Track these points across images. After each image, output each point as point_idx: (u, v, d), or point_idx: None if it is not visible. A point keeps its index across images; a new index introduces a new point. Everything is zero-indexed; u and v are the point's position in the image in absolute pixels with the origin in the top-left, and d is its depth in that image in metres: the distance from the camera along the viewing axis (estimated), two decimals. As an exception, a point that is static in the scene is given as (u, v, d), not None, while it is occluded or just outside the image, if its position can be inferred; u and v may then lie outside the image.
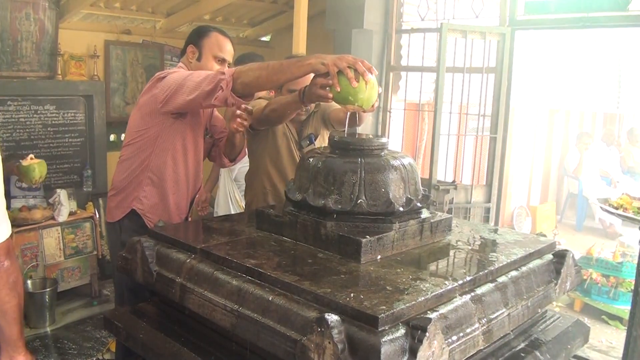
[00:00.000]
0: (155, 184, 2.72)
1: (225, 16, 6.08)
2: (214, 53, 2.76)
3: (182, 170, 2.75)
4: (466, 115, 5.13)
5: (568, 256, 2.05)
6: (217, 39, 2.77)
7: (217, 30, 2.82)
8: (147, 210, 2.72)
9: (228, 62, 2.81)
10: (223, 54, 2.77)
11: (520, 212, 7.74)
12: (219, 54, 2.76)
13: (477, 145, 5.19)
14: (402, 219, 1.89)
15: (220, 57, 2.77)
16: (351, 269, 1.69)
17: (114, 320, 2.09)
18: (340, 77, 2.04)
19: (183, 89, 2.44)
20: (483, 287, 1.71)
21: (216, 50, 2.76)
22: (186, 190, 2.81)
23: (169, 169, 2.71)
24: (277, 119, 2.66)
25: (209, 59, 2.75)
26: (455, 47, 4.77)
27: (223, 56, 2.77)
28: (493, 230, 2.31)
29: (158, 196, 2.73)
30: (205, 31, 2.80)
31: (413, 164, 2.02)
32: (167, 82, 2.54)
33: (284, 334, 1.46)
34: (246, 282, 1.66)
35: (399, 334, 1.36)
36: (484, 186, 5.05)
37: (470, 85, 4.85)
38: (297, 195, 1.96)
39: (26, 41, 4.62)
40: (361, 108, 2.05)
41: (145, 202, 2.72)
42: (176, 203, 2.78)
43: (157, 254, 1.97)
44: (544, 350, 1.91)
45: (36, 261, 4.34)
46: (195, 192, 2.93)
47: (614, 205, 2.86)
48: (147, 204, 2.72)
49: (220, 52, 2.77)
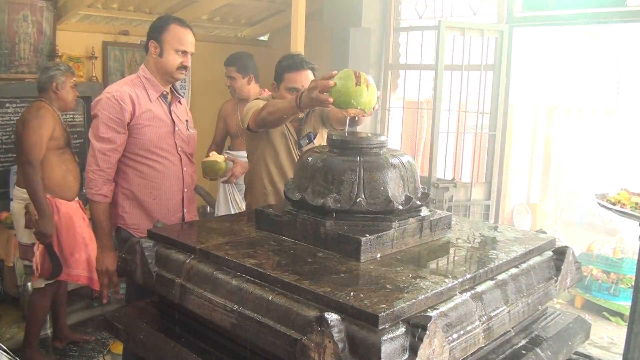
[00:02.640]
0: (130, 197, 2.77)
1: (223, 16, 6.08)
2: (175, 47, 2.74)
3: (152, 175, 2.77)
4: (465, 113, 5.13)
5: (568, 253, 2.05)
6: (177, 32, 2.75)
7: (176, 22, 2.78)
8: (130, 224, 2.77)
9: (191, 53, 2.80)
10: (184, 46, 2.76)
11: (520, 209, 7.74)
12: (180, 47, 2.75)
13: (476, 142, 5.19)
14: (401, 217, 1.89)
15: (181, 50, 2.76)
16: (351, 267, 1.69)
17: (115, 322, 2.08)
18: (341, 82, 2.04)
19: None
20: (483, 284, 1.71)
21: (177, 44, 2.74)
22: (170, 189, 2.83)
23: (136, 179, 2.75)
24: (274, 122, 2.65)
25: (170, 53, 2.74)
26: (453, 44, 4.77)
27: (184, 49, 2.76)
28: (493, 228, 2.31)
29: (138, 207, 2.78)
30: (164, 24, 2.76)
31: (412, 162, 2.02)
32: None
33: (284, 333, 1.46)
34: (246, 282, 1.66)
35: (399, 333, 1.36)
36: (483, 184, 5.05)
37: (469, 82, 4.85)
38: (296, 195, 1.95)
39: (24, 43, 4.62)
40: (363, 111, 2.05)
41: (126, 217, 2.77)
42: (162, 205, 2.81)
43: (157, 254, 1.96)
44: (544, 347, 1.91)
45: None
46: (192, 183, 2.96)
47: (611, 201, 2.86)
48: (128, 217, 2.77)
49: (181, 45, 2.75)
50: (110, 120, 2.65)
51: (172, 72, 2.77)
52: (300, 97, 2.30)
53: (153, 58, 2.77)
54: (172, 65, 2.75)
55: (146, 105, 2.74)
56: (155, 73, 2.79)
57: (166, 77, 2.79)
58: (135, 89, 2.73)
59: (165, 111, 2.83)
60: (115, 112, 2.66)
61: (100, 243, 2.74)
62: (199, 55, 5.84)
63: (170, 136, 2.83)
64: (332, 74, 2.11)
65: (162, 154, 2.79)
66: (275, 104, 2.60)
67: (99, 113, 2.67)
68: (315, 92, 2.14)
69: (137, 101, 2.71)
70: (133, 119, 2.70)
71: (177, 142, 2.86)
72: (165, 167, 2.80)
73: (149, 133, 2.75)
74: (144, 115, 2.72)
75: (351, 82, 2.02)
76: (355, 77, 2.02)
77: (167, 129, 2.82)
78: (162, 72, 2.78)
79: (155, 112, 2.78)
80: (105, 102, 2.67)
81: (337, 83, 2.06)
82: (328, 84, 2.08)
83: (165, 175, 2.81)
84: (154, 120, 2.76)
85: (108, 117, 2.65)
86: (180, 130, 2.88)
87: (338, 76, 2.08)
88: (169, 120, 2.84)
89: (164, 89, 2.82)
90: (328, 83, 2.08)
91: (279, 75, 2.85)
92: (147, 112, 2.74)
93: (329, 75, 2.13)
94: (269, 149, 2.86)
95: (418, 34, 5.26)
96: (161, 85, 2.80)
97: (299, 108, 2.35)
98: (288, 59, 2.87)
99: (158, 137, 2.78)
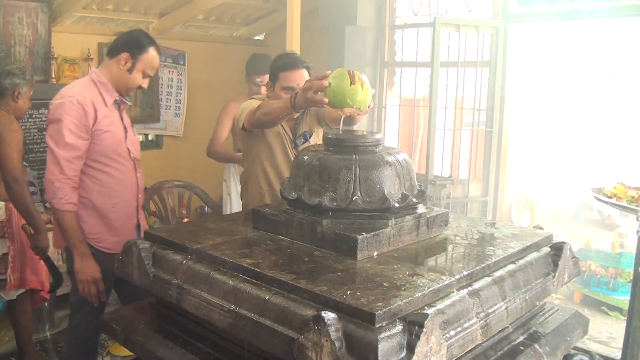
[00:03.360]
0: (88, 206, 2.73)
1: (218, 16, 6.07)
2: (145, 71, 2.74)
3: (111, 182, 2.75)
4: (461, 109, 5.13)
5: (565, 248, 2.05)
6: (152, 58, 2.74)
7: (154, 46, 2.76)
8: (89, 234, 2.73)
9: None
10: (152, 72, 2.79)
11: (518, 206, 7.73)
12: (149, 72, 2.76)
13: (473, 139, 5.19)
14: (398, 215, 1.89)
15: (148, 75, 2.77)
16: (348, 266, 1.69)
17: (112, 323, 2.08)
18: (335, 81, 2.04)
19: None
20: (480, 281, 1.71)
21: (148, 69, 2.75)
22: (128, 196, 2.84)
23: (95, 187, 2.72)
24: (269, 123, 2.64)
25: (139, 73, 2.73)
26: (449, 41, 4.77)
27: (151, 74, 2.79)
28: (490, 224, 2.31)
29: (96, 216, 2.74)
30: (144, 46, 2.72)
31: (408, 159, 2.02)
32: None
33: (282, 332, 1.46)
34: (243, 281, 1.65)
35: (397, 330, 1.36)
36: (481, 180, 5.06)
37: (465, 79, 4.85)
38: (292, 194, 1.95)
39: (19, 45, 4.62)
40: (358, 110, 2.05)
41: (85, 227, 2.71)
42: (121, 213, 2.80)
43: (154, 255, 1.96)
44: (543, 343, 1.91)
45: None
46: (140, 191, 2.95)
47: (607, 195, 2.86)
48: (87, 227, 2.72)
49: (151, 71, 2.77)
50: (75, 126, 2.58)
51: (130, 88, 2.76)
52: (295, 97, 2.29)
53: (120, 69, 2.72)
54: (135, 84, 2.74)
55: (104, 110, 2.69)
56: (111, 80, 2.73)
57: (121, 88, 2.76)
58: (92, 94, 2.68)
59: (118, 117, 2.81)
60: (79, 117, 2.58)
61: (79, 252, 2.64)
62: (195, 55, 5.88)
63: (124, 142, 2.81)
64: (326, 74, 2.11)
65: (120, 160, 2.76)
66: (270, 104, 2.59)
67: (63, 118, 2.57)
68: (310, 92, 2.14)
69: (97, 106, 2.65)
70: (95, 124, 2.64)
71: (130, 148, 2.84)
72: (122, 173, 2.78)
73: (108, 139, 2.70)
74: (103, 121, 2.68)
75: (346, 82, 2.02)
76: (350, 76, 2.02)
77: (121, 135, 2.80)
78: (121, 84, 2.74)
79: (111, 118, 2.74)
80: (69, 106, 2.58)
81: (331, 83, 2.06)
82: (322, 84, 2.08)
83: (122, 182, 2.79)
84: (111, 126, 2.72)
85: (73, 123, 2.57)
86: (130, 136, 2.86)
87: (332, 76, 2.07)
88: (122, 126, 2.82)
89: (116, 95, 2.78)
90: (322, 83, 2.08)
91: (274, 74, 2.84)
92: (106, 118, 2.70)
93: (323, 75, 2.12)
94: (264, 148, 2.85)
95: (413, 31, 5.26)
96: (114, 91, 2.76)
97: (294, 108, 2.34)
98: (283, 58, 2.87)
99: (116, 143, 2.74)
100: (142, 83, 2.77)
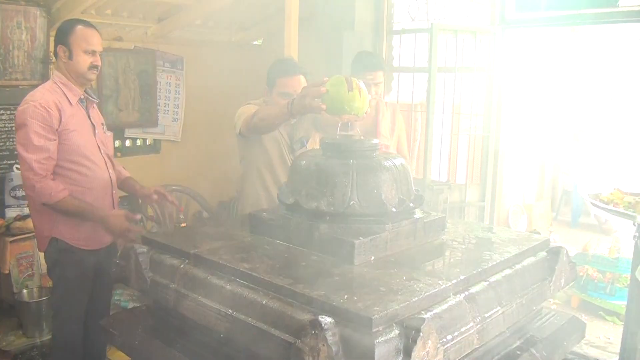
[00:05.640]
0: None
1: (216, 20, 6.07)
2: (83, 48, 2.75)
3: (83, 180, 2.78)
4: (459, 114, 5.14)
5: (562, 253, 2.06)
6: (83, 33, 2.76)
7: (81, 23, 2.80)
8: (65, 233, 2.78)
9: (99, 52, 2.82)
10: (92, 46, 2.77)
11: (515, 210, 7.75)
12: (88, 47, 2.76)
13: (470, 144, 5.19)
14: (394, 220, 1.89)
15: (90, 50, 2.77)
16: (345, 270, 1.69)
17: (110, 328, 2.08)
18: (333, 88, 2.04)
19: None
20: (477, 286, 1.72)
21: (84, 45, 2.75)
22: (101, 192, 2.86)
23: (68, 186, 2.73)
24: (266, 129, 2.65)
25: (79, 54, 2.75)
26: (446, 47, 4.78)
27: (92, 48, 2.78)
28: (487, 229, 2.32)
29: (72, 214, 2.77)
30: (70, 27, 2.77)
31: (405, 164, 2.03)
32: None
33: (279, 337, 1.46)
34: (240, 286, 1.66)
35: (393, 335, 1.36)
36: (478, 185, 5.06)
37: (462, 84, 4.86)
38: (289, 199, 1.96)
39: (18, 50, 4.61)
40: (356, 116, 2.06)
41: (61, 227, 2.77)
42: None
43: (151, 260, 1.96)
44: (539, 348, 1.92)
45: (32, 270, 4.32)
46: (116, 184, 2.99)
47: (604, 201, 2.87)
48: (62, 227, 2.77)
49: (88, 45, 2.76)
50: (40, 128, 2.63)
51: (83, 73, 2.78)
52: (292, 103, 2.29)
53: (63, 62, 2.78)
54: (83, 66, 2.76)
55: (69, 110, 2.75)
56: (69, 77, 2.79)
57: (80, 79, 2.80)
58: (56, 95, 2.73)
59: (84, 115, 2.85)
60: (44, 120, 2.64)
61: (97, 217, 2.74)
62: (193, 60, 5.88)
63: (93, 140, 2.86)
64: (324, 81, 2.11)
65: (91, 157, 2.81)
66: (266, 110, 2.59)
67: (28, 122, 2.63)
68: (308, 99, 2.14)
69: (61, 107, 2.71)
70: (60, 125, 2.69)
71: (100, 146, 2.89)
72: (93, 171, 2.82)
73: (76, 138, 2.75)
74: (69, 121, 2.73)
75: (343, 88, 2.03)
76: (347, 83, 2.03)
77: (89, 133, 2.85)
78: (75, 75, 2.78)
79: (78, 116, 2.80)
80: (33, 110, 2.64)
81: (329, 89, 2.06)
82: (320, 90, 2.08)
83: (95, 180, 2.83)
84: (78, 125, 2.78)
85: (38, 125, 2.63)
86: (99, 133, 2.91)
87: (330, 82, 2.08)
88: (90, 124, 2.87)
89: (81, 92, 2.84)
90: (320, 90, 2.08)
91: (271, 80, 2.85)
92: (72, 117, 2.75)
93: (320, 81, 2.13)
94: (261, 153, 2.86)
95: (411, 37, 5.26)
96: (78, 89, 2.81)
97: (291, 114, 2.34)
98: (280, 64, 2.87)
99: (84, 141, 2.80)
100: (91, 62, 2.77)
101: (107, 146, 2.96)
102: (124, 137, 5.37)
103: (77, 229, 2.79)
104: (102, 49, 2.86)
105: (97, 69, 2.82)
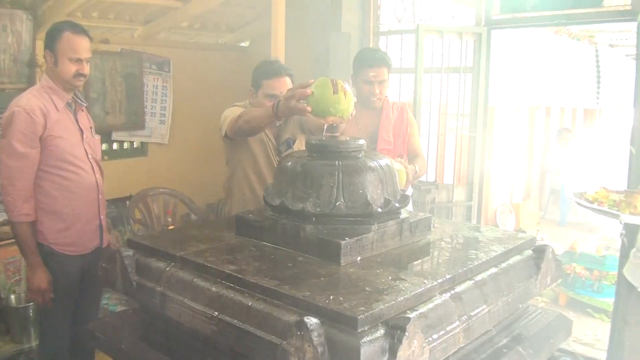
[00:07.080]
0: (48, 211, 2.75)
1: (203, 23, 6.06)
2: (69, 56, 2.70)
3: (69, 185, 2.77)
4: (445, 115, 5.16)
5: (547, 251, 2.07)
6: (69, 41, 2.70)
7: (70, 29, 2.73)
8: (50, 238, 2.77)
9: (87, 59, 2.77)
10: (77, 54, 2.72)
11: (503, 210, 7.79)
12: (73, 55, 2.71)
13: (457, 144, 5.22)
14: (380, 220, 1.89)
15: (75, 58, 2.72)
16: (331, 271, 1.69)
17: (96, 332, 2.07)
18: (318, 90, 2.04)
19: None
20: (463, 284, 1.72)
21: (70, 53, 2.70)
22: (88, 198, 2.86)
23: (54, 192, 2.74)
24: (251, 131, 2.63)
25: (64, 62, 2.71)
26: (432, 48, 4.80)
27: (78, 57, 2.73)
28: (473, 229, 2.33)
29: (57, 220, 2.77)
30: (57, 33, 2.71)
31: (390, 164, 2.03)
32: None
33: (265, 338, 1.46)
34: (226, 288, 1.65)
35: (379, 335, 1.37)
36: (465, 185, 5.08)
37: (449, 85, 4.88)
38: (275, 200, 1.96)
39: (3, 53, 4.58)
40: (341, 119, 2.06)
41: (46, 232, 2.76)
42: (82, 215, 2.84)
43: (137, 263, 1.95)
44: (526, 345, 1.93)
45: (19, 275, 4.30)
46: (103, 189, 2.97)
47: (589, 200, 2.88)
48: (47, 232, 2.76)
49: (74, 54, 2.71)
50: (23, 136, 2.61)
51: (68, 80, 2.74)
52: (278, 105, 2.28)
53: (50, 68, 2.75)
54: (68, 74, 2.72)
55: (55, 115, 2.72)
56: (55, 81, 2.76)
57: (65, 85, 2.76)
58: (42, 100, 2.70)
59: (72, 119, 2.83)
60: (27, 126, 2.62)
61: (30, 262, 2.73)
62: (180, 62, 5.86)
63: (80, 144, 2.84)
64: (309, 82, 2.11)
65: (77, 162, 2.79)
66: (251, 112, 2.58)
67: (11, 129, 2.61)
68: (293, 100, 2.13)
69: (46, 112, 2.68)
70: (45, 131, 2.67)
71: (87, 150, 2.87)
72: (80, 176, 2.80)
73: (62, 143, 2.73)
74: (55, 126, 2.70)
75: (328, 90, 2.02)
76: (332, 85, 2.03)
77: (76, 137, 2.83)
78: (60, 81, 2.75)
79: (64, 121, 2.77)
80: (17, 116, 2.61)
81: (314, 91, 2.06)
82: (305, 92, 2.08)
83: (81, 185, 2.81)
84: (65, 130, 2.75)
85: (21, 132, 2.61)
86: (87, 137, 2.89)
87: (315, 84, 2.08)
88: (77, 129, 2.84)
89: (68, 97, 2.80)
90: (305, 91, 2.08)
91: (257, 81, 2.84)
92: (57, 122, 2.72)
93: (306, 83, 2.12)
94: (247, 155, 2.85)
95: (397, 38, 5.28)
96: (65, 94, 2.78)
97: (277, 116, 2.33)
98: (266, 66, 2.87)
99: (71, 146, 2.77)
100: (79, 69, 2.73)
101: (94, 150, 2.94)
102: (111, 140, 5.35)
103: (62, 234, 2.78)
104: (91, 54, 2.81)
105: (83, 77, 2.78)
